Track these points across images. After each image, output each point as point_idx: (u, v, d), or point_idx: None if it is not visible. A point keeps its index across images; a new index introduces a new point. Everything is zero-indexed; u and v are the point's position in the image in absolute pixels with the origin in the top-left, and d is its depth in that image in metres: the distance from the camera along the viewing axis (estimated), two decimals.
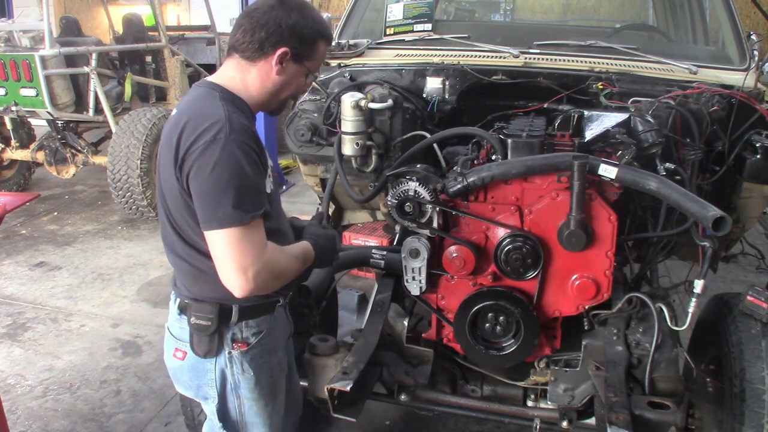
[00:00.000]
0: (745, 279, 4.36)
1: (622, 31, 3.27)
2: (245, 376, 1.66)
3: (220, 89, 1.60)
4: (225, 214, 1.44)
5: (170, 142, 1.52)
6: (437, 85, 2.42)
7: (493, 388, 2.16)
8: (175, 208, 1.57)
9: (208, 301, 1.61)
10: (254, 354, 1.66)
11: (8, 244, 5.02)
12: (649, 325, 1.94)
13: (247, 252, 1.46)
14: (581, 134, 2.12)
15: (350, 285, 3.96)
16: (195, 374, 1.68)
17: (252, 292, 1.49)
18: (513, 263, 1.83)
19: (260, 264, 1.47)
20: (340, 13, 3.83)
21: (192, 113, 1.54)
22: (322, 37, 1.66)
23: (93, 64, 5.46)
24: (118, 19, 6.99)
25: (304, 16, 1.60)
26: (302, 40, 1.60)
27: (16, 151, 5.99)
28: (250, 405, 1.71)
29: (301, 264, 1.66)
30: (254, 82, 1.62)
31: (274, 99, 1.67)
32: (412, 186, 1.85)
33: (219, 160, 1.45)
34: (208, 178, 1.45)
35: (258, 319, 1.67)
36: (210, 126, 1.48)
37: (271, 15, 1.58)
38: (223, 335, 1.63)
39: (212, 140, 1.46)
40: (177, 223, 1.59)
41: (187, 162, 1.48)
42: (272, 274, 1.52)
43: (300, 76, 1.67)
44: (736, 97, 2.18)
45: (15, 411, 2.95)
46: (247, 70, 1.61)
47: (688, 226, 1.92)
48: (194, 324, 1.63)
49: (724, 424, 2.03)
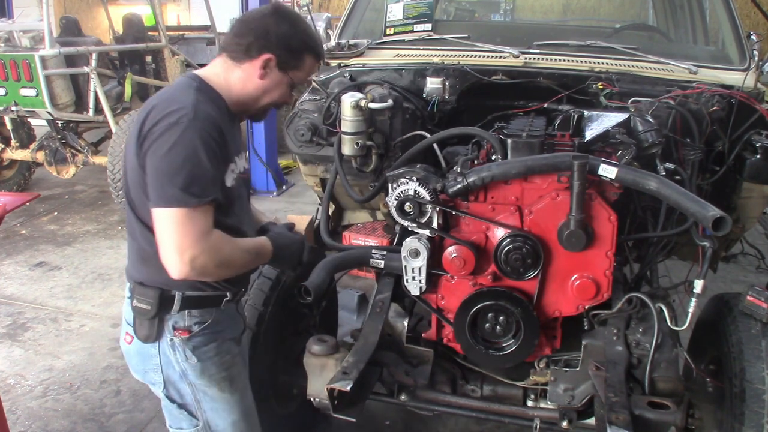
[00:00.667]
0: (745, 279, 4.35)
1: (622, 31, 3.27)
2: (190, 363, 1.69)
3: (199, 80, 1.65)
4: (172, 194, 1.47)
5: (137, 122, 1.58)
6: (437, 85, 2.42)
7: (493, 388, 2.16)
8: (133, 185, 1.61)
9: (152, 286, 1.65)
10: (197, 342, 1.69)
11: (8, 244, 5.02)
12: (649, 325, 1.94)
13: (188, 235, 1.48)
14: (581, 134, 2.11)
15: (350, 285, 3.96)
16: (140, 359, 1.72)
17: (189, 274, 1.50)
18: (513, 263, 1.83)
19: (199, 248, 1.49)
20: (340, 13, 3.83)
21: (162, 98, 1.60)
22: (311, 52, 1.72)
23: (93, 64, 5.46)
24: (118, 19, 6.99)
25: (295, 28, 1.67)
26: (289, 49, 1.66)
27: (16, 151, 5.99)
28: (203, 391, 1.74)
29: (253, 257, 1.68)
30: (236, 82, 1.67)
31: (254, 103, 1.72)
32: (412, 186, 1.85)
33: (177, 142, 1.49)
34: (164, 158, 1.49)
35: (202, 310, 1.69)
36: (176, 110, 1.52)
37: (262, 22, 1.65)
38: (164, 321, 1.66)
39: (175, 122, 1.50)
40: (133, 201, 1.63)
41: (148, 140, 1.52)
42: (213, 260, 1.52)
43: (283, 86, 1.71)
44: (736, 97, 2.18)
45: (15, 411, 2.95)
46: (232, 69, 1.67)
47: (688, 226, 1.92)
48: (135, 307, 1.67)
49: (724, 424, 2.03)
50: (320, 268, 1.95)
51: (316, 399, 1.95)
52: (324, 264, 1.97)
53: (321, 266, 1.96)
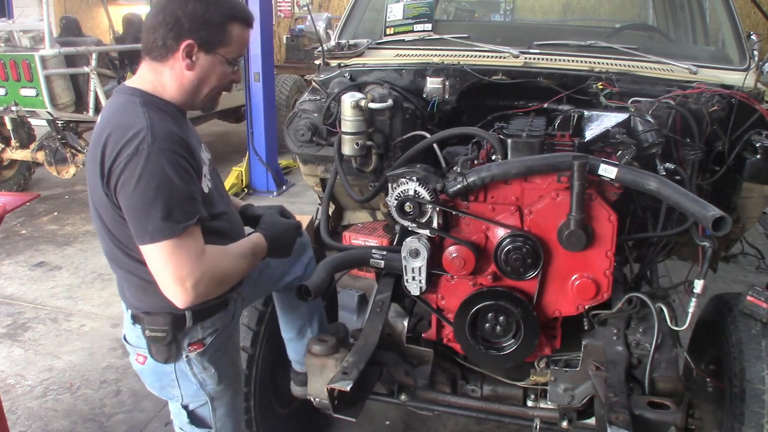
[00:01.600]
0: (745, 279, 4.36)
1: (622, 31, 3.27)
2: (208, 373, 1.68)
3: (140, 93, 1.53)
4: (155, 227, 1.40)
5: (95, 157, 1.47)
6: (437, 85, 2.41)
7: (493, 388, 2.16)
8: (112, 222, 1.52)
9: (161, 312, 1.59)
10: (212, 351, 1.68)
11: (8, 244, 5.02)
12: (649, 325, 1.93)
13: (183, 263, 1.42)
14: (581, 134, 2.11)
15: (350, 285, 3.96)
16: (157, 377, 1.69)
17: (195, 301, 1.47)
18: (513, 263, 1.83)
19: (199, 273, 1.44)
20: (340, 13, 3.83)
21: (114, 125, 1.47)
22: (233, 19, 1.54)
23: (93, 64, 5.46)
24: (118, 19, 7.00)
25: (206, 3, 1.49)
26: (206, 26, 1.49)
27: (16, 151, 5.99)
28: (220, 397, 1.73)
29: (250, 260, 1.63)
30: (170, 83, 1.54)
31: (196, 96, 1.59)
32: (412, 186, 1.85)
33: (143, 173, 1.39)
34: (134, 193, 1.40)
35: (213, 318, 1.67)
36: (132, 137, 1.41)
37: (167, 9, 1.49)
38: (180, 341, 1.63)
39: (135, 152, 1.40)
40: (117, 237, 1.54)
41: (113, 177, 1.43)
42: (214, 280, 1.49)
43: (219, 66, 1.55)
44: (736, 97, 2.18)
45: (15, 411, 2.95)
46: (160, 71, 1.54)
47: (688, 226, 1.92)
48: (150, 336, 1.61)
49: (724, 424, 2.03)
50: (320, 268, 1.95)
51: (316, 399, 1.95)
52: (324, 264, 1.97)
53: (321, 266, 1.96)
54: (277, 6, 10.70)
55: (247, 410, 2.29)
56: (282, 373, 2.45)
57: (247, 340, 2.26)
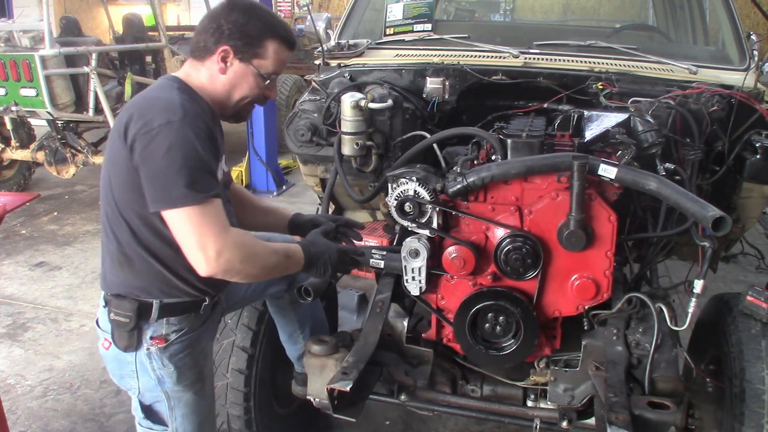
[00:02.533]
0: (745, 279, 4.36)
1: (622, 31, 3.27)
2: (167, 370, 1.68)
3: (178, 81, 1.65)
4: (179, 193, 1.47)
5: (120, 125, 1.55)
6: (437, 85, 2.41)
7: (493, 388, 2.16)
8: (121, 186, 1.57)
9: (128, 297, 1.63)
10: (174, 350, 1.68)
11: (8, 244, 5.02)
12: (649, 325, 1.93)
13: (206, 231, 1.48)
14: (581, 134, 2.11)
15: (350, 285, 3.96)
16: (117, 365, 1.71)
17: (216, 270, 1.50)
18: (513, 263, 1.83)
19: (221, 242, 1.48)
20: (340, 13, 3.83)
21: (145, 99, 1.58)
22: (272, 36, 1.65)
23: (93, 64, 5.46)
24: (118, 19, 6.99)
25: (248, 15, 1.63)
26: (244, 37, 1.62)
27: (16, 151, 5.99)
28: (178, 398, 1.73)
29: (282, 259, 1.67)
30: (205, 81, 1.66)
31: (227, 101, 1.69)
32: (412, 186, 1.85)
33: (174, 142, 1.47)
34: (163, 159, 1.47)
35: (180, 317, 1.68)
36: (164, 109, 1.51)
37: (215, 16, 1.64)
38: (143, 330, 1.65)
39: (166, 123, 1.48)
40: (118, 201, 1.60)
41: (139, 143, 1.49)
42: (238, 255, 1.51)
43: (250, 76, 1.66)
44: (735, 97, 2.18)
45: (15, 411, 2.95)
46: (198, 69, 1.67)
47: (688, 226, 1.92)
48: (113, 320, 1.66)
49: (724, 424, 2.03)
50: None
51: (316, 399, 1.95)
52: None
53: None
54: (277, 6, 10.69)
55: (247, 410, 2.29)
56: (282, 373, 2.45)
57: (247, 340, 2.27)
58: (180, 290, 1.65)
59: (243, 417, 2.30)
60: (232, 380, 2.26)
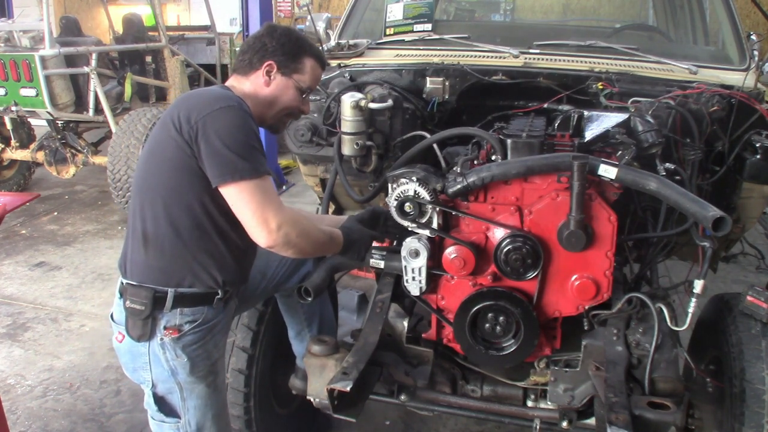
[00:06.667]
0: (745, 279, 4.36)
1: (622, 31, 3.27)
2: (180, 361, 1.72)
3: (230, 88, 1.81)
4: (243, 167, 1.59)
5: (168, 118, 1.66)
6: (437, 85, 2.41)
7: (493, 388, 2.16)
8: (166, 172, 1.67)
9: (144, 285, 1.69)
10: (187, 341, 1.72)
11: (8, 244, 5.02)
12: (649, 325, 1.93)
13: (267, 204, 1.60)
14: (581, 134, 2.11)
15: (350, 285, 3.95)
16: (131, 357, 1.76)
17: (276, 241, 1.61)
18: (513, 263, 1.83)
19: (281, 216, 1.61)
20: (340, 13, 3.83)
21: (199, 94, 1.73)
22: (309, 54, 1.86)
23: (93, 64, 5.46)
24: (118, 19, 6.99)
25: (288, 36, 1.84)
26: (285, 53, 1.82)
27: (16, 151, 5.99)
28: (190, 389, 1.77)
29: (327, 239, 1.80)
30: (249, 93, 1.82)
31: (268, 110, 1.85)
32: (412, 186, 1.85)
33: (235, 122, 1.62)
34: (227, 137, 1.60)
35: (194, 308, 1.73)
36: (221, 98, 1.67)
37: (258, 38, 1.85)
38: (157, 320, 1.70)
39: (228, 107, 1.63)
40: (158, 188, 1.68)
41: (200, 124, 1.61)
42: (295, 229, 1.63)
43: (291, 89, 1.84)
44: (736, 97, 2.18)
45: (15, 411, 2.95)
46: (242, 82, 1.84)
47: (688, 226, 1.92)
48: (129, 308, 1.71)
49: (724, 424, 2.03)
50: (320, 268, 1.95)
51: (316, 399, 1.95)
52: (324, 264, 1.97)
53: (321, 266, 1.96)
54: (277, 6, 10.69)
55: (247, 410, 2.29)
56: (282, 373, 2.45)
57: (247, 340, 2.27)
58: (197, 278, 1.71)
59: (243, 417, 2.30)
60: (232, 380, 2.26)
